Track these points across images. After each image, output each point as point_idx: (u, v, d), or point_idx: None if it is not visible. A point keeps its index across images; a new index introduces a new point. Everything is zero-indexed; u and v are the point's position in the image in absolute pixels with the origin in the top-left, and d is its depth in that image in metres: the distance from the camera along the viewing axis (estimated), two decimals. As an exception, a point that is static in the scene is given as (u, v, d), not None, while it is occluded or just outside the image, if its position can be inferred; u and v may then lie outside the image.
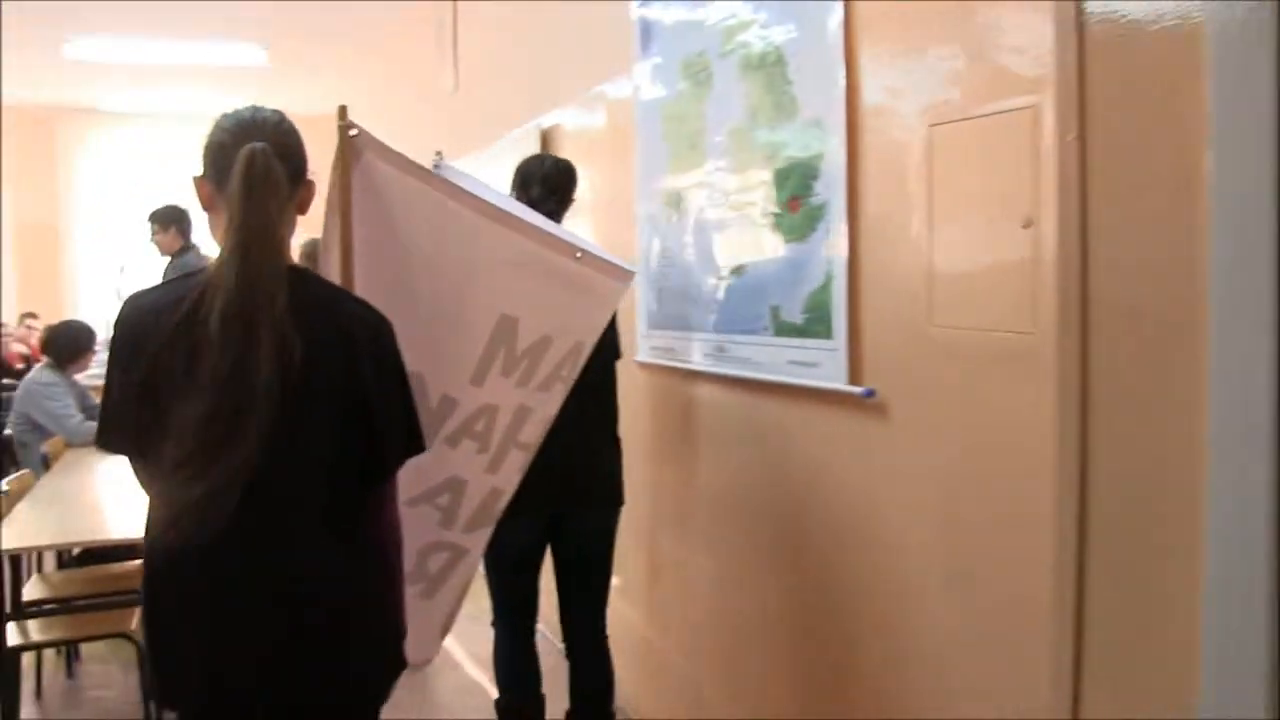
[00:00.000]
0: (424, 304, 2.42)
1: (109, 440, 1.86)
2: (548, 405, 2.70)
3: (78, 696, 4.29)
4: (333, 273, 2.35)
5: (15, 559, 3.79)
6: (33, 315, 9.82)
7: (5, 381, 8.24)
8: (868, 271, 2.43)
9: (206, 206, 1.90)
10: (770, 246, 2.79)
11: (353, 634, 1.89)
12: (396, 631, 2.00)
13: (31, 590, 4.02)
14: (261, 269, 1.72)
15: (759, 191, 2.83)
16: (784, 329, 2.74)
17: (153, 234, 6.37)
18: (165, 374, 1.74)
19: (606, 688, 3.23)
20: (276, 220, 1.78)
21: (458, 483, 2.63)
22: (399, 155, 2.43)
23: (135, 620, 3.55)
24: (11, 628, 3.51)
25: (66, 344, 5.53)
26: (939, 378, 2.20)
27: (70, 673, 4.42)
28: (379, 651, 1.96)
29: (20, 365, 8.76)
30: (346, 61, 8.56)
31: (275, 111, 1.90)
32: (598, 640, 3.23)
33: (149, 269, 6.71)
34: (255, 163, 1.75)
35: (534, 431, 2.70)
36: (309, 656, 1.85)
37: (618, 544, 3.24)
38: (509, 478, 2.72)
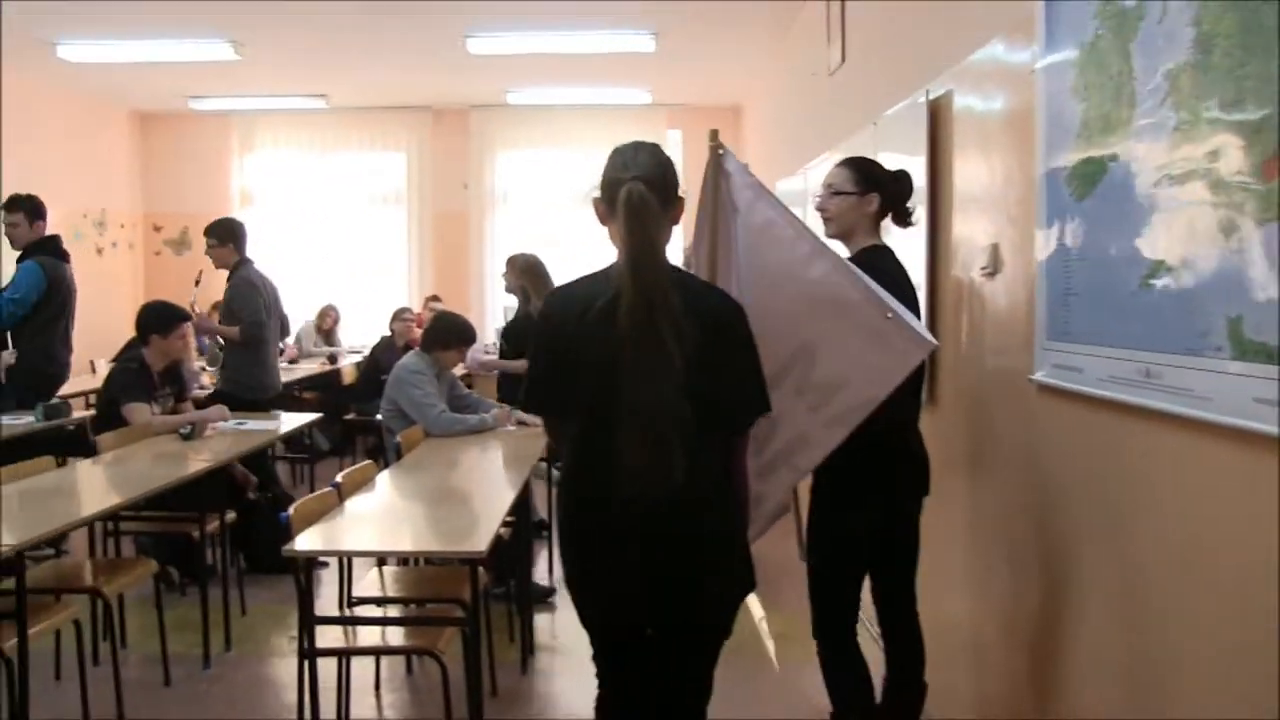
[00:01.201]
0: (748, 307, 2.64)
1: (533, 402, 2.57)
2: (827, 442, 2.86)
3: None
4: (702, 266, 3.05)
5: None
6: (435, 299, 10.34)
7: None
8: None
9: (603, 222, 2.50)
10: (1229, 231, 2.01)
11: (728, 561, 2.50)
12: (749, 560, 2.61)
13: (366, 586, 4.00)
14: (651, 278, 2.30)
15: (1215, 153, 2.05)
16: (1249, 350, 1.96)
17: (209, 247, 6.47)
18: (583, 353, 2.38)
19: (922, 661, 3.34)
20: (655, 239, 2.36)
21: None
22: (754, 179, 3.08)
23: (444, 639, 3.41)
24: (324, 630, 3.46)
25: (441, 334, 5.58)
26: None
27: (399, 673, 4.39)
28: (742, 575, 2.57)
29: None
30: (730, 48, 8.32)
31: (653, 147, 2.49)
32: (915, 618, 3.33)
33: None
34: (633, 198, 2.34)
35: (808, 459, 2.92)
36: (694, 581, 2.42)
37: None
38: (775, 490, 3.00)
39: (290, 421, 5.87)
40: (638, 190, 2.33)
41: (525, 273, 6.56)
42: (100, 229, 10.46)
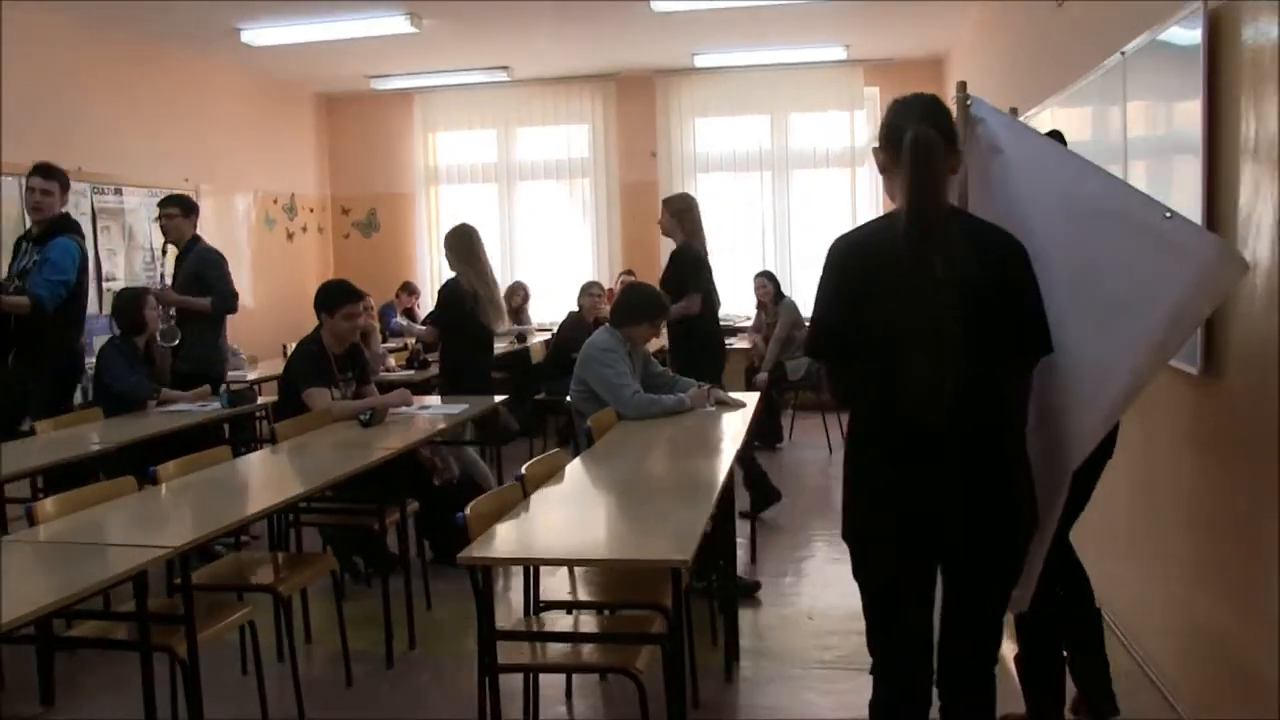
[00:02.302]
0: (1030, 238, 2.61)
1: (818, 348, 2.63)
2: (1132, 365, 2.64)
3: None
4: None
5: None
6: (629, 273, 10.00)
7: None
8: None
9: (883, 170, 2.57)
10: None
11: (1009, 491, 2.48)
12: (1034, 498, 2.57)
13: (555, 587, 3.62)
14: (932, 215, 2.37)
15: None
16: None
17: (169, 218, 6.32)
18: (872, 290, 2.43)
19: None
20: (939, 177, 2.41)
21: None
22: (1007, 115, 3.11)
23: (643, 657, 2.98)
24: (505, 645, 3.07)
25: (631, 308, 5.15)
26: None
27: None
28: (1026, 511, 2.54)
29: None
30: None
31: (933, 97, 2.53)
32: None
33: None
34: (920, 140, 2.37)
35: (1118, 388, 2.69)
36: (986, 495, 2.44)
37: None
38: (1086, 423, 2.74)
39: (478, 404, 5.53)
40: (926, 132, 2.39)
41: (677, 214, 6.35)
42: (290, 214, 10.49)
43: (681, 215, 6.31)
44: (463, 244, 6.30)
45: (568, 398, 5.16)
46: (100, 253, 7.56)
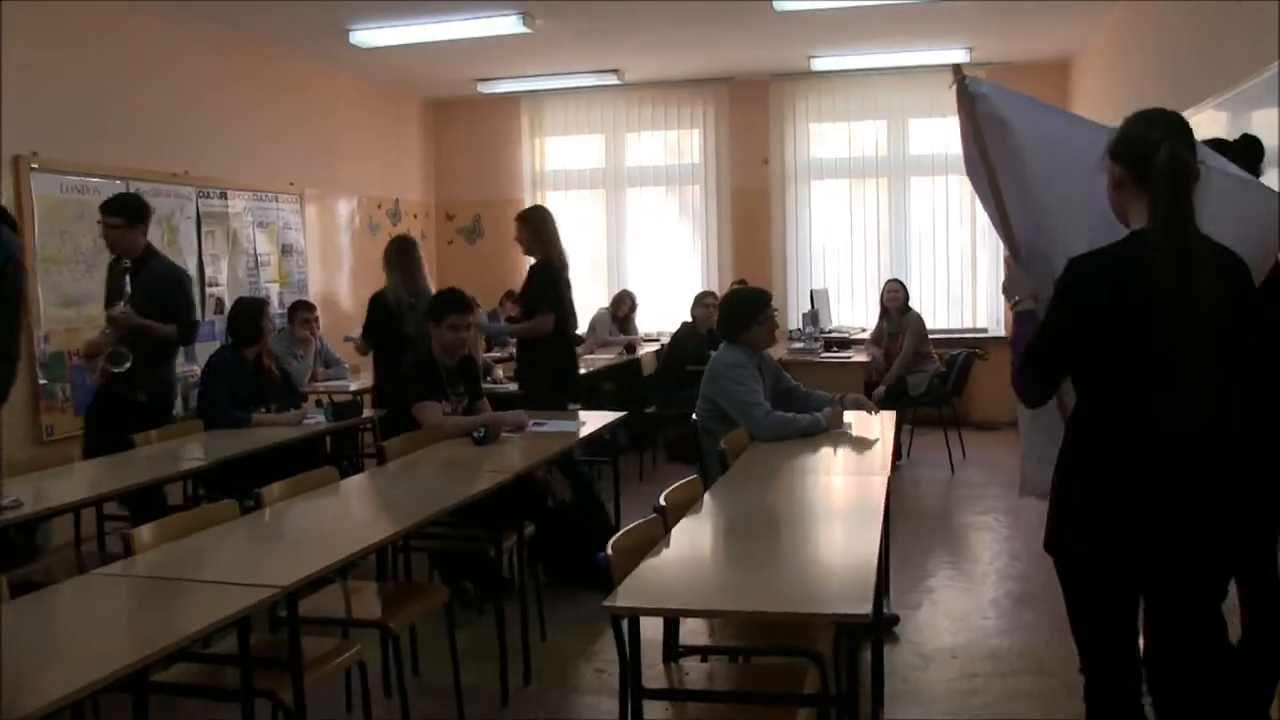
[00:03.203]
0: (1047, 203, 2.94)
1: (1045, 368, 2.59)
2: None
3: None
4: (988, 199, 3.12)
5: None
6: (741, 283, 9.63)
7: (714, 353, 8.01)
8: None
9: (1117, 185, 2.48)
10: None
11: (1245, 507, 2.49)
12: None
13: (696, 628, 3.24)
14: (1193, 243, 2.30)
15: None
16: None
17: (111, 228, 5.28)
18: (1114, 316, 2.39)
19: None
20: (1192, 197, 2.32)
21: None
22: (1010, 90, 3.17)
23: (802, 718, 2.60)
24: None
25: (736, 314, 4.78)
26: None
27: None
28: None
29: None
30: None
31: (1173, 113, 2.44)
32: None
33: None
34: (1178, 159, 2.31)
35: None
36: (1214, 521, 2.39)
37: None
38: None
39: (594, 420, 5.18)
40: (1181, 150, 2.32)
41: (534, 229, 6.17)
42: (394, 219, 10.30)
43: (538, 230, 6.16)
44: (393, 252, 6.42)
45: (693, 415, 4.80)
46: (204, 258, 7.39)
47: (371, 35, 7.82)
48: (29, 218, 5.99)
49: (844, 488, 3.80)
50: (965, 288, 9.97)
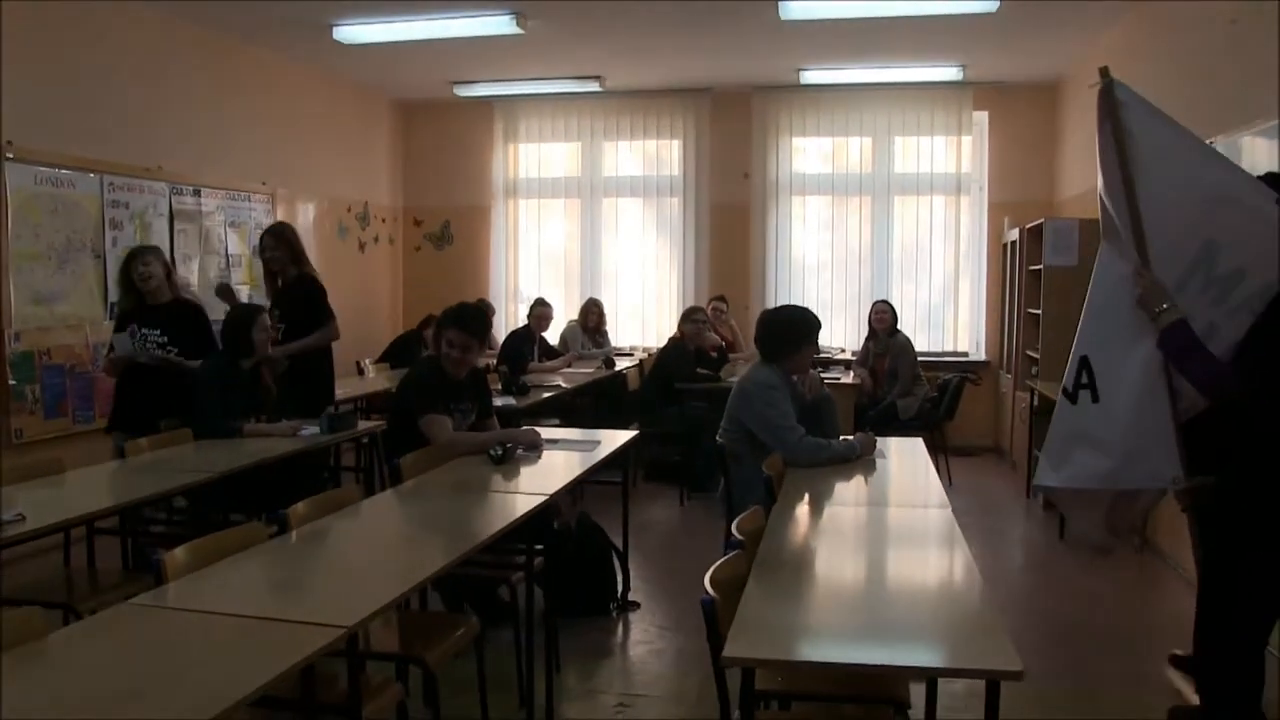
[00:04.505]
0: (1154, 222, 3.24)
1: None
2: (1234, 330, 3.17)
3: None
4: (1121, 206, 3.31)
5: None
6: (721, 299, 9.46)
7: (702, 371, 7.80)
8: None
9: None
10: None
11: None
12: None
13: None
14: None
15: None
16: None
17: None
18: None
19: None
20: None
21: None
22: (1143, 99, 3.39)
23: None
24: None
25: (782, 336, 4.58)
26: None
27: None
28: None
29: (714, 354, 8.28)
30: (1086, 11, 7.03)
31: None
32: None
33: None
34: None
35: (1217, 349, 3.16)
36: None
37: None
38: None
39: (611, 441, 4.90)
40: None
41: (289, 243, 6.06)
42: (363, 223, 9.97)
43: (294, 243, 6.04)
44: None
45: (718, 437, 4.59)
46: (175, 257, 7.02)
47: (356, 31, 7.51)
48: (3, 211, 5.63)
49: (911, 521, 3.61)
50: (948, 311, 9.84)
